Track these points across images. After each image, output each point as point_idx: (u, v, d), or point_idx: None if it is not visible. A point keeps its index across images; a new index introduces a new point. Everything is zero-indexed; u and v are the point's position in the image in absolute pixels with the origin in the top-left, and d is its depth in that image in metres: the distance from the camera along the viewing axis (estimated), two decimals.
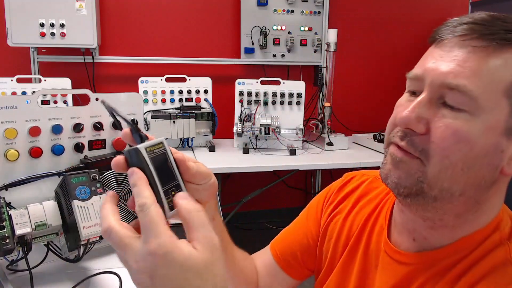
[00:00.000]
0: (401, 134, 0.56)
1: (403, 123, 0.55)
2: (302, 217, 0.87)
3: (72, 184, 0.82)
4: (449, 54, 0.54)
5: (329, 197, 0.82)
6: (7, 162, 0.88)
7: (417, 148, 0.54)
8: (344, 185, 0.81)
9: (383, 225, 0.69)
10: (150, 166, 0.45)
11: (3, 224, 0.78)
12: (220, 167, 2.22)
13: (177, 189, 0.47)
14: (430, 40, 0.60)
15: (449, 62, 0.53)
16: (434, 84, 0.54)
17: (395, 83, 3.36)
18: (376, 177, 0.77)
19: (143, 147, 0.45)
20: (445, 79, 0.52)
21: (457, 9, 3.29)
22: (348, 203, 0.78)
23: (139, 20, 2.84)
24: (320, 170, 3.26)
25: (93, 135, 1.00)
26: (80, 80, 2.69)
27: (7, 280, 0.85)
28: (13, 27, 2.40)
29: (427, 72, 0.55)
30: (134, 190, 0.44)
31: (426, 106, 0.54)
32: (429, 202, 0.55)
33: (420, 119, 0.53)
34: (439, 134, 0.52)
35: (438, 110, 0.53)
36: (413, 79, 0.58)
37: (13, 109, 0.88)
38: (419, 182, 0.54)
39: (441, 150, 0.52)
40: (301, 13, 2.99)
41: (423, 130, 0.53)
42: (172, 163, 0.47)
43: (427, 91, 0.54)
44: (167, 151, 0.47)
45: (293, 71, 3.11)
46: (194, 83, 2.54)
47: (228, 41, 2.98)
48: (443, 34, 0.56)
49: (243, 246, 0.81)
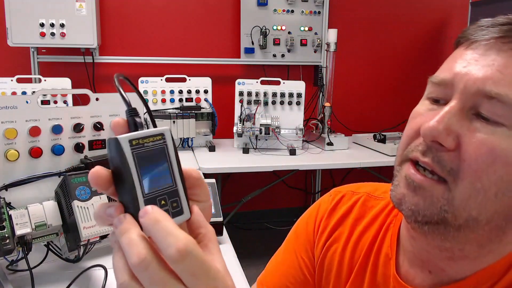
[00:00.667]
0: (424, 148, 0.47)
1: (429, 135, 0.46)
2: (290, 246, 0.74)
3: (72, 184, 0.82)
4: (484, 57, 0.46)
5: (319, 223, 0.70)
6: (7, 162, 0.88)
7: (445, 167, 0.46)
8: (335, 207, 0.70)
9: (389, 254, 0.60)
10: (129, 165, 0.35)
11: (3, 224, 0.78)
12: (220, 167, 2.22)
13: (172, 196, 0.38)
14: (458, 41, 0.51)
15: (486, 67, 0.45)
16: (467, 91, 0.46)
17: (395, 83, 3.36)
18: (369, 194, 0.69)
19: (127, 139, 0.36)
20: (483, 86, 0.45)
21: (457, 9, 3.29)
22: (344, 229, 0.67)
23: (139, 20, 2.84)
24: (320, 170, 3.26)
25: (93, 135, 0.99)
26: (80, 80, 2.69)
27: (7, 280, 0.85)
28: (13, 27, 2.40)
29: (459, 77, 0.47)
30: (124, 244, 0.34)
31: (457, 116, 0.45)
32: (451, 232, 0.48)
33: (449, 131, 0.45)
34: (471, 152, 0.44)
35: (470, 122, 0.45)
36: (438, 84, 0.49)
37: (13, 109, 0.88)
38: (443, 212, 0.46)
39: (473, 171, 0.44)
40: (301, 13, 2.99)
41: (453, 146, 0.45)
42: (172, 163, 0.38)
43: (458, 99, 0.46)
44: (167, 145, 0.38)
45: (293, 71, 3.11)
46: (194, 83, 2.54)
47: (228, 41, 2.99)
48: (476, 35, 0.48)
49: (243, 246, 0.80)
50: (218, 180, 2.48)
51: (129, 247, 0.33)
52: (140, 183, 0.36)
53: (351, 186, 0.73)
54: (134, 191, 0.35)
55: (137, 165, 0.36)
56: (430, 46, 3.37)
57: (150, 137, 0.37)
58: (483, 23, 0.49)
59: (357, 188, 0.71)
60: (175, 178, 0.38)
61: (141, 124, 0.38)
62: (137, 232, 0.34)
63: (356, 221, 0.67)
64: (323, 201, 0.73)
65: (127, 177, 0.35)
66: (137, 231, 0.34)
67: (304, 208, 2.81)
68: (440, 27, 3.37)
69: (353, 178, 3.28)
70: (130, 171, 0.35)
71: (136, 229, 0.35)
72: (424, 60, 3.37)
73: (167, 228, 0.33)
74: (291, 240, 0.74)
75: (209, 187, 1.14)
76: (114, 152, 0.36)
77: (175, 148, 0.38)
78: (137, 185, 0.35)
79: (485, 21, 0.49)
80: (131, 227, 0.35)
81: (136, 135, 0.36)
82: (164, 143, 0.38)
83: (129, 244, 0.33)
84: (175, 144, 0.39)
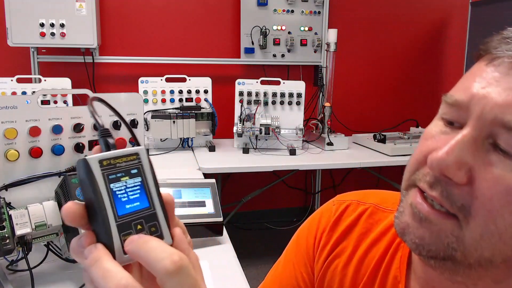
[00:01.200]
0: (432, 179, 0.42)
1: (437, 168, 0.40)
2: (289, 258, 0.69)
3: (72, 184, 0.82)
4: (507, 78, 0.40)
5: (321, 237, 0.64)
6: (7, 162, 0.88)
7: (455, 202, 0.40)
8: (338, 219, 0.64)
9: (398, 277, 0.55)
10: (99, 187, 0.33)
11: (3, 224, 0.78)
12: (220, 167, 2.22)
13: (150, 220, 0.35)
14: (479, 54, 0.44)
15: (509, 90, 0.39)
16: (484, 118, 0.39)
17: (395, 83, 3.36)
18: (376, 205, 0.63)
19: (97, 159, 0.33)
20: (502, 114, 0.38)
21: (457, 9, 3.29)
22: (348, 244, 0.61)
23: (139, 20, 2.84)
24: (320, 170, 3.26)
25: (93, 135, 0.99)
26: (80, 80, 2.69)
27: (7, 280, 0.85)
28: (13, 27, 2.40)
29: (475, 99, 0.40)
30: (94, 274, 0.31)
31: (470, 147, 0.40)
32: (461, 268, 0.43)
33: (461, 164, 0.39)
34: (486, 189, 0.39)
35: (485, 154, 0.40)
36: (453, 105, 0.43)
37: (13, 109, 0.88)
38: (450, 249, 0.41)
39: (487, 211, 0.39)
40: (301, 13, 2.99)
41: (464, 180, 0.40)
42: (149, 184, 0.35)
43: (472, 126, 0.40)
44: (142, 165, 0.35)
45: (293, 71, 3.11)
46: (194, 83, 2.54)
47: (228, 41, 2.99)
48: (499, 49, 0.41)
49: (243, 246, 0.79)
50: (218, 180, 2.48)
51: (103, 279, 0.30)
52: (112, 207, 0.33)
53: (356, 195, 0.66)
54: (105, 215, 0.32)
55: (108, 187, 0.33)
56: (430, 46, 3.37)
57: (123, 157, 0.35)
58: (509, 33, 0.42)
59: (363, 198, 0.65)
60: (153, 201, 0.35)
61: (113, 145, 0.36)
62: (110, 260, 0.31)
63: (361, 236, 0.61)
64: (325, 210, 0.67)
65: (97, 201, 0.32)
66: (109, 259, 0.31)
67: (304, 208, 2.81)
68: (440, 27, 3.37)
69: (353, 178, 3.28)
70: (101, 193, 0.32)
71: (108, 257, 0.31)
72: (424, 60, 3.38)
73: (159, 244, 0.32)
74: (291, 251, 0.69)
75: (209, 187, 1.14)
76: (83, 174, 0.33)
77: (152, 168, 0.36)
78: (108, 209, 0.32)
79: (511, 31, 0.42)
80: (101, 256, 0.31)
81: (107, 155, 0.34)
82: (139, 163, 0.35)
83: (104, 276, 0.30)
84: (151, 164, 0.36)
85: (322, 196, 3.32)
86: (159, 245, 0.32)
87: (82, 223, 0.34)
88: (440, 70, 3.42)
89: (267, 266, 0.86)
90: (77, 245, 0.33)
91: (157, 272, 0.31)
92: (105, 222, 0.32)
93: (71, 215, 0.33)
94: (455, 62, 3.32)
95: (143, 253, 0.31)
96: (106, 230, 0.32)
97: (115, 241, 0.32)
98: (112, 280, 0.30)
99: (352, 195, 0.66)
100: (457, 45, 3.28)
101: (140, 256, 0.32)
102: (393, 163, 2.44)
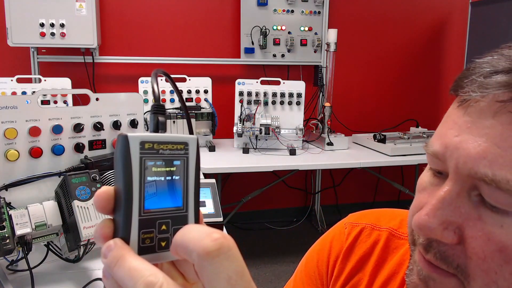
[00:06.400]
0: (425, 241, 0.39)
1: (422, 233, 0.38)
2: (299, 283, 0.65)
3: (72, 184, 0.82)
4: (478, 123, 0.36)
5: (334, 265, 0.60)
6: (7, 162, 0.88)
7: (451, 263, 0.38)
8: (352, 246, 0.59)
9: None
10: (133, 170, 0.28)
11: (3, 224, 0.78)
12: (220, 167, 2.23)
13: (179, 223, 0.30)
14: (452, 92, 0.41)
15: (480, 138, 0.35)
16: (460, 172, 0.36)
17: (395, 83, 3.36)
18: (391, 232, 0.58)
19: (138, 139, 0.28)
20: (477, 167, 0.35)
21: (457, 9, 3.29)
22: (363, 276, 0.57)
23: (139, 20, 2.84)
24: (320, 170, 3.26)
25: (93, 135, 0.99)
26: (80, 80, 2.69)
27: (7, 280, 0.85)
28: (13, 27, 2.40)
29: (450, 151, 0.37)
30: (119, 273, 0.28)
31: (455, 203, 0.37)
32: None
33: (446, 224, 0.36)
34: (478, 249, 0.36)
35: (474, 209, 0.36)
36: (433, 156, 0.40)
37: (13, 109, 0.88)
38: None
39: (483, 272, 0.36)
40: (301, 13, 2.99)
41: (455, 240, 0.37)
42: (189, 182, 0.30)
43: (453, 180, 0.37)
44: (188, 159, 0.30)
45: (293, 71, 3.12)
46: (194, 83, 2.55)
47: (228, 41, 2.99)
48: (468, 90, 0.37)
49: (243, 246, 0.79)
50: (218, 180, 2.49)
51: (131, 279, 0.27)
52: (140, 198, 0.28)
53: (369, 217, 0.62)
54: (129, 206, 0.28)
55: (142, 175, 0.28)
56: (430, 46, 3.37)
57: (169, 144, 0.29)
58: (478, 69, 0.37)
59: (377, 221, 0.60)
60: (188, 201, 0.30)
61: (163, 125, 0.31)
62: (133, 256, 0.28)
63: (377, 267, 0.57)
64: (336, 234, 0.62)
65: (126, 187, 0.28)
66: (133, 255, 0.28)
67: (304, 208, 2.81)
68: (440, 27, 3.37)
69: (353, 178, 3.28)
70: (131, 180, 0.28)
71: (131, 253, 0.28)
72: (424, 60, 3.38)
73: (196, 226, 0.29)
74: (301, 276, 0.64)
75: (209, 187, 1.14)
76: (119, 152, 0.28)
77: (198, 164, 0.31)
78: (135, 199, 0.28)
79: (482, 64, 0.37)
80: (123, 253, 0.28)
81: (152, 137, 0.29)
82: (185, 154, 0.30)
83: (131, 275, 0.27)
84: (199, 159, 0.31)
85: (322, 196, 3.32)
86: (197, 226, 0.29)
87: (108, 209, 0.30)
88: (440, 70, 3.42)
89: (267, 266, 0.86)
90: (97, 233, 0.30)
91: (196, 257, 0.27)
92: (127, 213, 0.28)
93: (98, 198, 0.29)
94: (455, 62, 3.32)
95: (179, 237, 0.28)
96: (126, 223, 0.28)
97: (132, 237, 0.28)
98: (140, 278, 0.26)
99: (365, 217, 0.62)
100: (457, 45, 3.28)
101: (176, 241, 0.28)
102: (393, 163, 2.44)
